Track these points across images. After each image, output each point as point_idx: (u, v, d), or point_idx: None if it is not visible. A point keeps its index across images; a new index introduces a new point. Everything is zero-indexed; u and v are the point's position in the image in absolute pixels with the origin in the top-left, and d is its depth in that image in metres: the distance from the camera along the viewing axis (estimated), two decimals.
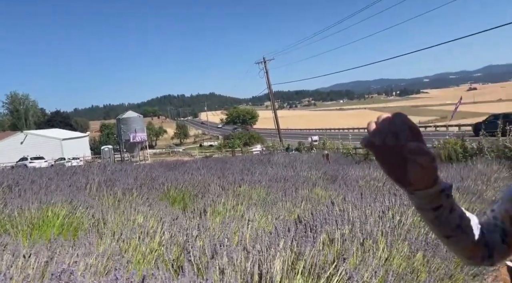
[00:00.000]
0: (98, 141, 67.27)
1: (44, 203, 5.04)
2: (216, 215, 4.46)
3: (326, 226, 2.86)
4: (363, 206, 4.03)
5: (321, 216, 3.24)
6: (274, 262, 2.15)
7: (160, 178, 8.54)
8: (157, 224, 4.04)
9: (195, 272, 2.13)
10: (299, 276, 2.10)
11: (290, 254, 2.31)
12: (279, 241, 2.38)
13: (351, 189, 6.95)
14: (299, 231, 2.79)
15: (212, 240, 2.59)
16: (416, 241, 2.57)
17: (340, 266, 2.18)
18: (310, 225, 3.04)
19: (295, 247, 2.45)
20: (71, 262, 2.21)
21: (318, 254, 2.33)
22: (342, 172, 9.76)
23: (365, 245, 2.54)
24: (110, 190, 6.60)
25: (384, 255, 2.44)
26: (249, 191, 6.65)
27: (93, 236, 3.25)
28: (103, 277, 1.58)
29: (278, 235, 2.55)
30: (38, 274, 2.12)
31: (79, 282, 1.16)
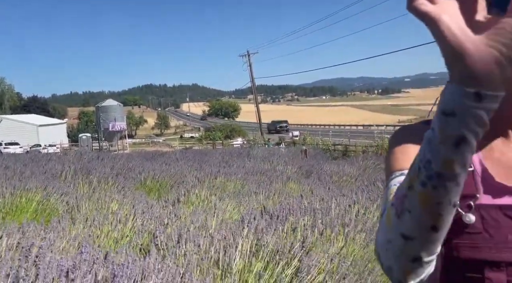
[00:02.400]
0: (76, 128, 65.86)
1: (18, 189, 5.06)
2: (189, 205, 4.59)
3: (290, 216, 3.04)
4: (330, 199, 4.24)
5: (287, 207, 3.42)
6: (237, 248, 2.31)
7: (137, 168, 8.59)
8: (130, 211, 4.14)
9: (161, 256, 2.26)
10: (259, 262, 2.27)
11: (253, 241, 2.47)
12: (243, 229, 2.53)
13: (323, 184, 7.19)
14: (264, 220, 2.95)
15: (180, 227, 2.73)
16: (371, 231, 2.77)
17: (298, 253, 2.35)
18: (276, 215, 3.22)
19: (259, 235, 2.61)
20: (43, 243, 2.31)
21: (279, 241, 2.50)
22: (317, 168, 10.01)
23: (324, 234, 2.72)
24: (85, 178, 6.64)
25: (340, 244, 2.63)
26: (224, 183, 6.80)
27: (66, 221, 3.33)
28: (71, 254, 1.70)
29: (243, 223, 2.71)
30: (9, 255, 2.22)
31: (47, 256, 1.28)
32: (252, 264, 2.29)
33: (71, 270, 1.27)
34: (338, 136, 32.08)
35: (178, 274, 1.56)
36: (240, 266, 2.23)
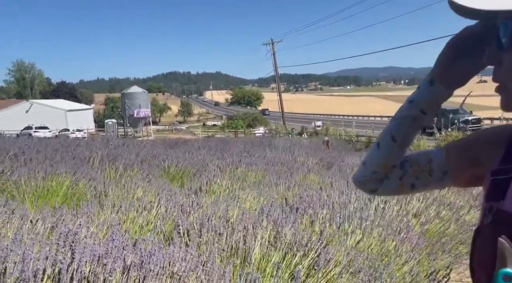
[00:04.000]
0: (102, 114, 67.51)
1: (49, 173, 5.30)
2: (211, 194, 4.72)
3: (310, 209, 3.10)
4: (350, 193, 4.27)
5: (307, 200, 3.48)
6: (256, 238, 2.40)
7: (161, 156, 8.80)
8: (154, 198, 4.30)
9: (184, 243, 2.38)
10: (277, 253, 2.35)
11: (271, 232, 2.55)
12: (263, 220, 2.62)
13: (344, 177, 7.19)
14: (284, 212, 3.03)
15: (202, 216, 2.84)
16: (389, 226, 2.81)
17: (315, 245, 2.42)
18: (295, 207, 3.28)
19: (278, 226, 2.69)
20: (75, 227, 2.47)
21: (297, 234, 2.57)
22: (339, 159, 9.99)
23: (342, 227, 2.78)
24: (112, 165, 6.87)
25: (357, 238, 2.68)
26: (245, 173, 6.90)
27: (94, 206, 3.51)
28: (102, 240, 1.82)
29: (263, 214, 2.79)
30: (45, 237, 2.38)
31: (81, 242, 1.39)
32: (270, 255, 2.37)
33: (103, 255, 1.38)
34: (362, 127, 31.65)
35: (200, 262, 1.65)
36: (259, 256, 2.31)
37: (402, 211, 4.09)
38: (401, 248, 2.72)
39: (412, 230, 3.21)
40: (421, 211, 4.23)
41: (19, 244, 1.40)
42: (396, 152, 0.83)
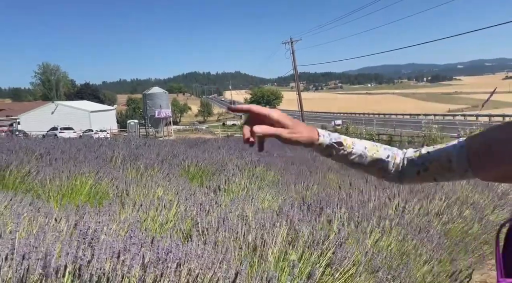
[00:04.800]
0: (124, 114, 68.87)
1: (73, 173, 5.45)
2: (229, 193, 4.75)
3: (327, 208, 3.08)
4: (369, 192, 4.21)
5: (325, 199, 3.46)
6: (273, 236, 2.40)
7: (181, 155, 8.91)
8: (174, 197, 4.37)
9: (202, 241, 2.41)
10: (294, 251, 2.35)
11: (289, 231, 2.55)
12: (280, 219, 2.62)
13: (363, 176, 7.10)
14: (302, 211, 3.02)
15: (221, 215, 2.86)
16: (408, 225, 2.76)
17: (333, 244, 2.41)
18: (313, 206, 3.27)
19: (296, 225, 2.69)
20: (96, 225, 2.53)
21: (315, 232, 2.57)
22: None
23: (360, 227, 2.75)
24: (133, 164, 7.00)
25: (376, 237, 2.65)
26: (264, 172, 6.91)
27: (116, 205, 3.59)
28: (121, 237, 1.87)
29: (280, 213, 2.79)
30: (68, 234, 2.46)
31: (101, 239, 1.43)
32: (288, 253, 2.37)
33: (122, 252, 1.41)
34: (383, 126, 31.16)
35: (217, 260, 1.67)
36: (276, 255, 2.32)
37: (423, 210, 4.02)
38: (421, 248, 2.68)
39: (434, 229, 3.15)
40: (443, 210, 4.13)
41: (42, 240, 1.45)
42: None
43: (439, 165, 0.94)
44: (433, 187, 5.08)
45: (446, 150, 0.94)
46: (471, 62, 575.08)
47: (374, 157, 1.01)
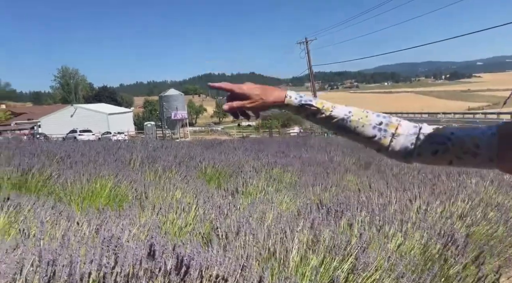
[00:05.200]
0: (141, 117, 69.81)
1: (93, 175, 5.54)
2: (247, 196, 4.74)
3: (347, 211, 3.04)
4: (390, 194, 4.14)
5: (345, 202, 3.41)
6: (293, 241, 2.38)
7: (198, 157, 8.96)
8: (192, 200, 4.38)
9: (221, 245, 2.40)
10: (315, 256, 2.32)
11: (309, 235, 2.52)
12: (300, 223, 2.59)
13: (383, 177, 7.00)
14: (321, 214, 2.99)
15: (239, 218, 2.85)
16: (431, 229, 2.70)
17: (355, 249, 2.37)
18: (332, 210, 3.23)
19: (316, 229, 2.66)
20: (117, 230, 2.56)
21: (335, 237, 2.53)
22: (377, 159, 9.73)
23: (381, 231, 2.70)
24: (151, 166, 7.07)
25: (398, 241, 2.60)
26: (281, 174, 6.88)
27: (136, 208, 3.62)
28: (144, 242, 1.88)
29: (300, 217, 2.77)
30: (90, 238, 2.48)
31: (124, 246, 1.44)
32: (308, 258, 2.35)
33: (145, 259, 1.42)
34: None
35: (238, 266, 1.66)
36: (297, 260, 2.29)
37: (446, 212, 3.92)
38: (446, 252, 2.61)
39: (458, 233, 3.07)
40: (466, 213, 4.03)
41: (67, 247, 1.46)
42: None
43: (463, 148, 0.86)
44: (455, 189, 4.96)
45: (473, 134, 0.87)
46: (491, 58, 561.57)
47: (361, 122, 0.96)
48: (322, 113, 0.99)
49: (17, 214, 3.15)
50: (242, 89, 1.00)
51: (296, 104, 0.99)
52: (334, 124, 0.98)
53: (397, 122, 0.96)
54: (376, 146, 0.97)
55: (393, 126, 0.95)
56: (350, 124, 0.97)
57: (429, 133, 0.92)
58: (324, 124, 1.01)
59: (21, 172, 5.62)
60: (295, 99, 1.00)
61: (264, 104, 1.00)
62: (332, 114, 0.98)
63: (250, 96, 1.00)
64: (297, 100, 0.99)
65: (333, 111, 0.98)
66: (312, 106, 0.99)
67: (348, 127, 0.97)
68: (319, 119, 1.00)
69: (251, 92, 1.00)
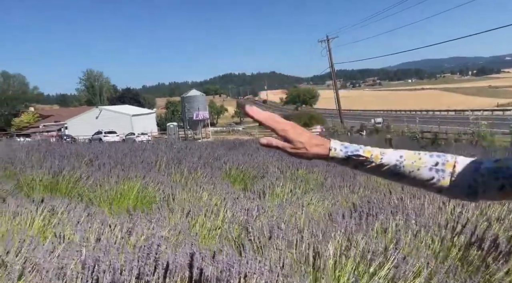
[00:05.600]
0: (164, 117, 70.83)
1: (121, 177, 5.62)
2: (274, 198, 4.70)
3: (381, 215, 2.96)
4: (423, 196, 4.01)
5: (376, 205, 3.32)
6: (328, 246, 2.32)
7: (222, 158, 8.98)
8: (220, 202, 4.38)
9: (254, 250, 2.37)
10: (350, 261, 2.26)
11: (343, 240, 2.46)
12: (333, 227, 2.53)
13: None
14: (353, 218, 2.92)
15: (270, 221, 2.82)
16: (472, 235, 2.58)
17: (392, 255, 2.29)
18: (365, 213, 3.15)
19: (349, 233, 2.59)
20: (150, 233, 2.57)
21: (370, 241, 2.46)
22: None
23: (418, 236, 2.61)
24: (177, 168, 7.13)
25: (436, 246, 2.50)
26: (306, 174, 6.81)
27: (165, 210, 3.64)
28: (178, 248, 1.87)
29: (333, 221, 2.71)
30: (124, 241, 2.51)
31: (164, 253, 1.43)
32: (343, 264, 2.29)
33: (185, 266, 1.40)
34: (426, 123, 29.85)
35: (276, 274, 1.62)
36: (331, 266, 2.24)
37: (482, 215, 3.77)
38: (488, 258, 2.49)
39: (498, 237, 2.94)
40: (504, 216, 3.86)
41: (108, 252, 1.46)
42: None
43: None
44: None
45: None
46: None
47: (415, 166, 0.90)
48: (372, 162, 0.93)
49: (51, 217, 3.22)
50: (287, 133, 0.91)
51: (342, 156, 0.93)
52: (386, 171, 0.92)
53: (453, 159, 0.90)
54: (436, 189, 0.91)
55: (450, 165, 0.89)
56: (404, 170, 0.91)
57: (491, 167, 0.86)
58: (374, 173, 0.95)
59: (52, 174, 5.76)
60: (340, 151, 0.93)
61: (306, 154, 0.93)
62: (383, 162, 0.92)
63: (293, 142, 0.92)
64: (343, 152, 0.93)
65: (383, 158, 0.92)
66: (360, 157, 0.93)
67: (402, 172, 0.91)
68: (369, 169, 0.94)
69: (296, 139, 0.91)
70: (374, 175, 0.98)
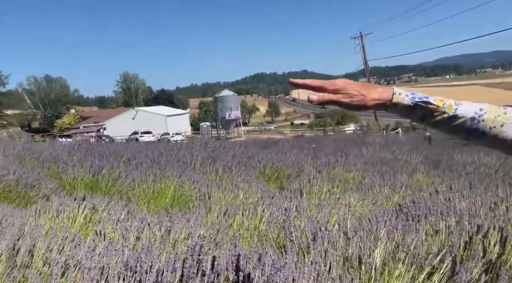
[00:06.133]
0: (197, 118, 71.92)
1: (158, 176, 5.67)
2: (312, 197, 4.57)
3: (431, 216, 2.77)
4: (473, 196, 3.76)
5: (424, 205, 3.13)
6: (375, 249, 2.19)
7: (255, 157, 8.92)
8: (256, 201, 4.31)
9: (297, 252, 2.27)
10: (400, 265, 2.11)
11: (391, 243, 2.31)
12: (380, 229, 2.39)
13: (456, 176, 6.47)
14: (400, 219, 2.75)
15: (311, 221, 2.70)
16: None
17: (446, 259, 2.12)
18: (412, 214, 2.97)
19: (396, 236, 2.44)
20: (188, 232, 2.52)
21: (420, 245, 2.29)
22: (446, 157, 9.08)
23: (473, 239, 2.41)
24: (212, 167, 7.14)
25: (496, 251, 2.30)
26: (343, 173, 6.62)
27: (202, 209, 3.61)
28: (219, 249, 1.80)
29: (378, 222, 2.56)
30: (162, 240, 2.48)
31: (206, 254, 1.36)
32: (391, 268, 2.14)
33: (230, 269, 1.33)
34: None
35: (324, 278, 1.52)
36: (380, 270, 2.10)
37: None
38: None
39: None
40: None
41: (150, 252, 1.41)
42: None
43: None
44: None
45: None
46: None
47: (499, 121, 0.75)
48: (443, 112, 0.79)
49: (92, 214, 3.26)
50: (337, 85, 0.86)
51: (407, 102, 0.81)
52: (459, 126, 0.79)
53: None
54: None
55: None
56: (483, 125, 0.77)
57: None
58: (443, 127, 0.82)
59: (92, 173, 5.90)
60: (406, 96, 0.81)
61: (364, 101, 0.83)
62: (458, 113, 0.78)
63: (347, 91, 0.85)
64: (409, 98, 0.81)
65: (458, 109, 0.79)
66: (430, 104, 0.80)
67: (481, 128, 0.77)
68: (438, 121, 0.80)
69: (349, 87, 0.85)
70: (443, 131, 0.84)
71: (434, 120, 0.81)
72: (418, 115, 0.82)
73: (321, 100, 0.85)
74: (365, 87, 0.85)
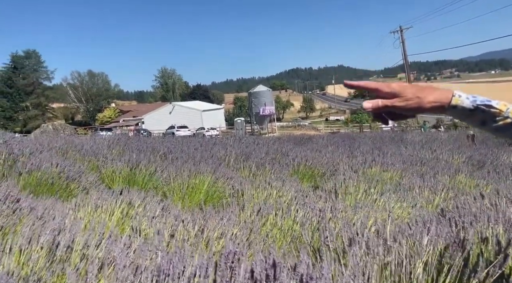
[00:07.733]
0: (231, 113, 72.52)
1: (192, 172, 5.73)
2: (347, 198, 4.44)
3: (478, 223, 2.59)
4: None
5: (467, 210, 2.95)
6: (417, 259, 2.07)
7: (289, 154, 8.83)
8: (290, 200, 4.24)
9: (332, 256, 2.19)
10: (448, 279, 1.98)
11: (435, 253, 2.18)
12: (422, 237, 2.26)
13: (503, 179, 6.09)
14: (443, 226, 2.60)
15: (348, 225, 2.61)
16: None
17: (497, 271, 1.97)
18: (455, 220, 2.80)
19: (440, 244, 2.30)
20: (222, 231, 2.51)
21: (468, 255, 2.15)
22: (491, 157, 8.58)
23: None
24: (245, 163, 7.13)
25: None
26: (380, 173, 6.40)
27: (235, 207, 3.59)
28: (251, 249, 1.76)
29: (418, 228, 2.43)
30: (196, 238, 2.47)
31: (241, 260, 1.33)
32: (437, 280, 2.02)
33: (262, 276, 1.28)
34: None
35: None
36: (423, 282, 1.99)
37: None
38: None
39: None
40: None
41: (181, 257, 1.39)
42: None
43: None
44: None
45: None
46: None
47: None
48: (507, 117, 0.75)
49: (129, 209, 3.33)
50: (392, 88, 0.82)
51: (468, 105, 0.77)
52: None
53: None
54: None
55: None
56: None
57: None
58: (505, 133, 0.77)
59: (130, 167, 6.06)
60: (466, 98, 0.77)
61: (420, 104, 0.80)
62: None
63: (402, 94, 0.80)
64: (469, 101, 0.77)
65: None
66: (492, 108, 0.76)
67: None
68: (500, 126, 0.76)
69: (403, 90, 0.81)
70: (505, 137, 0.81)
71: (496, 125, 0.77)
72: (479, 119, 0.78)
73: (375, 107, 0.82)
74: (421, 90, 0.82)
